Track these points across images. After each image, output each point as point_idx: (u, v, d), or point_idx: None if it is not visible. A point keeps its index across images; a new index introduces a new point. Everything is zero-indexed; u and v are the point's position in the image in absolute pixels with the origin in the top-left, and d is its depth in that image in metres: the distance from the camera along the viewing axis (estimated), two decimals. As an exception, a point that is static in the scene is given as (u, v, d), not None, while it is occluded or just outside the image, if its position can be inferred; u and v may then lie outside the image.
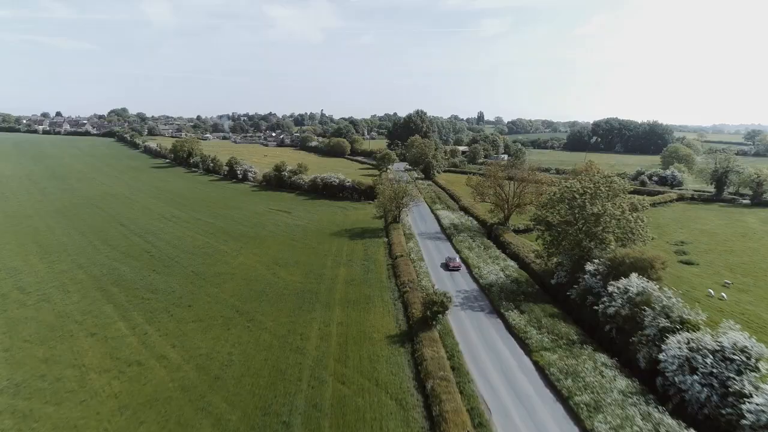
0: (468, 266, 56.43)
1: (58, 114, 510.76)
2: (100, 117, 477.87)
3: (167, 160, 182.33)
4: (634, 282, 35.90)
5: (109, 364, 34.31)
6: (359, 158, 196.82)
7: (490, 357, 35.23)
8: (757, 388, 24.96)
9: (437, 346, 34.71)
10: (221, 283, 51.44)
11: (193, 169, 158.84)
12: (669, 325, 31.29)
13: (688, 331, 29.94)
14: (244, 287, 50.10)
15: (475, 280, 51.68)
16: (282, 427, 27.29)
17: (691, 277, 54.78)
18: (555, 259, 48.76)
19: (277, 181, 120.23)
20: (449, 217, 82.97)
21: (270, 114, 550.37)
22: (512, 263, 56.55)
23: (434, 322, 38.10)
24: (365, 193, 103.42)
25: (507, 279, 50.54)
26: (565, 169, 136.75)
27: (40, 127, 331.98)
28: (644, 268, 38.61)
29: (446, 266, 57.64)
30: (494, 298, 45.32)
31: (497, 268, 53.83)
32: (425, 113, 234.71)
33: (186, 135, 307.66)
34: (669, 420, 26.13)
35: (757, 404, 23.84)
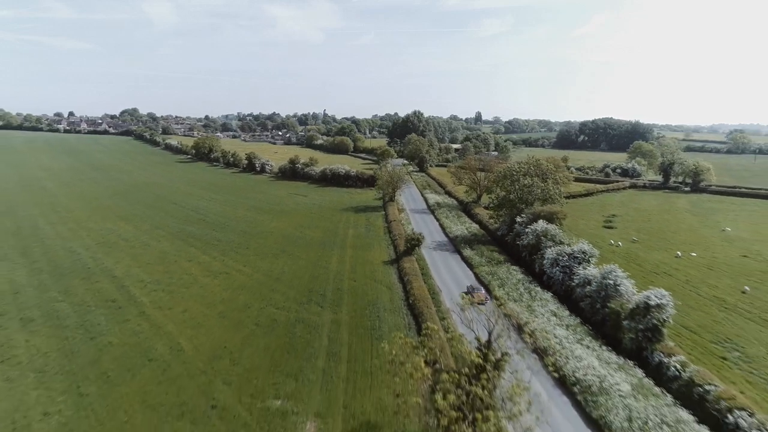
0: (442, 227, 76.78)
1: (71, 114, 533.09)
2: (113, 117, 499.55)
3: (189, 156, 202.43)
4: (540, 224, 56.10)
5: (207, 273, 54.67)
6: (361, 155, 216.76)
7: (446, 270, 55.65)
8: (584, 269, 45.19)
9: (413, 263, 55.02)
10: (265, 237, 71.80)
11: (214, 163, 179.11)
12: (552, 244, 51.52)
13: (559, 246, 50.12)
14: (281, 239, 70.42)
15: (446, 235, 72.00)
16: (320, 296, 47.64)
17: (606, 235, 74.87)
18: (502, 219, 68.98)
19: (291, 173, 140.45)
20: (435, 198, 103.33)
21: (274, 114, 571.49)
22: (475, 225, 76.92)
23: (413, 252, 58.43)
24: (367, 182, 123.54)
25: (468, 233, 70.91)
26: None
27: (61, 126, 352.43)
28: (551, 218, 58.85)
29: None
30: (457, 243, 65.70)
31: (463, 228, 74.23)
32: (422, 114, 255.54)
33: (198, 134, 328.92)
34: (538, 288, 46.66)
35: (578, 274, 44.14)
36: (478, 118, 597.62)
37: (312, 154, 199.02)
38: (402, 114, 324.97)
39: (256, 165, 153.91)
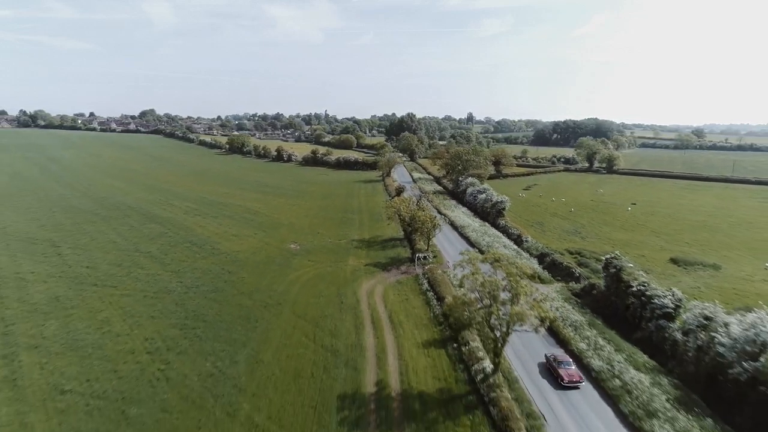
0: (420, 190, 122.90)
1: (92, 114, 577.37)
2: (133, 117, 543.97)
3: (223, 150, 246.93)
4: (470, 180, 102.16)
5: (287, 205, 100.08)
6: (364, 150, 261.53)
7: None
8: (481, 195, 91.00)
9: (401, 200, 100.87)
10: (310, 193, 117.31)
11: (247, 155, 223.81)
12: (478, 191, 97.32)
13: (483, 194, 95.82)
14: (321, 194, 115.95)
15: (422, 192, 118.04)
16: (351, 212, 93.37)
17: (522, 195, 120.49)
18: (454, 181, 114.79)
19: (313, 161, 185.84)
20: (418, 175, 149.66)
21: (279, 114, 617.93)
22: (440, 187, 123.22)
23: (400, 196, 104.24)
24: (371, 166, 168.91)
25: (435, 190, 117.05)
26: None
27: (96, 125, 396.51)
28: (478, 177, 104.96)
29: (556, 376, 32.35)
30: (428, 195, 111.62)
31: (432, 188, 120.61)
32: (414, 115, 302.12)
33: (217, 132, 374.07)
34: (461, 206, 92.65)
35: (478, 197, 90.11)
36: (469, 118, 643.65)
37: (321, 149, 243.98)
38: (399, 114, 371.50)
39: (284, 155, 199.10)
